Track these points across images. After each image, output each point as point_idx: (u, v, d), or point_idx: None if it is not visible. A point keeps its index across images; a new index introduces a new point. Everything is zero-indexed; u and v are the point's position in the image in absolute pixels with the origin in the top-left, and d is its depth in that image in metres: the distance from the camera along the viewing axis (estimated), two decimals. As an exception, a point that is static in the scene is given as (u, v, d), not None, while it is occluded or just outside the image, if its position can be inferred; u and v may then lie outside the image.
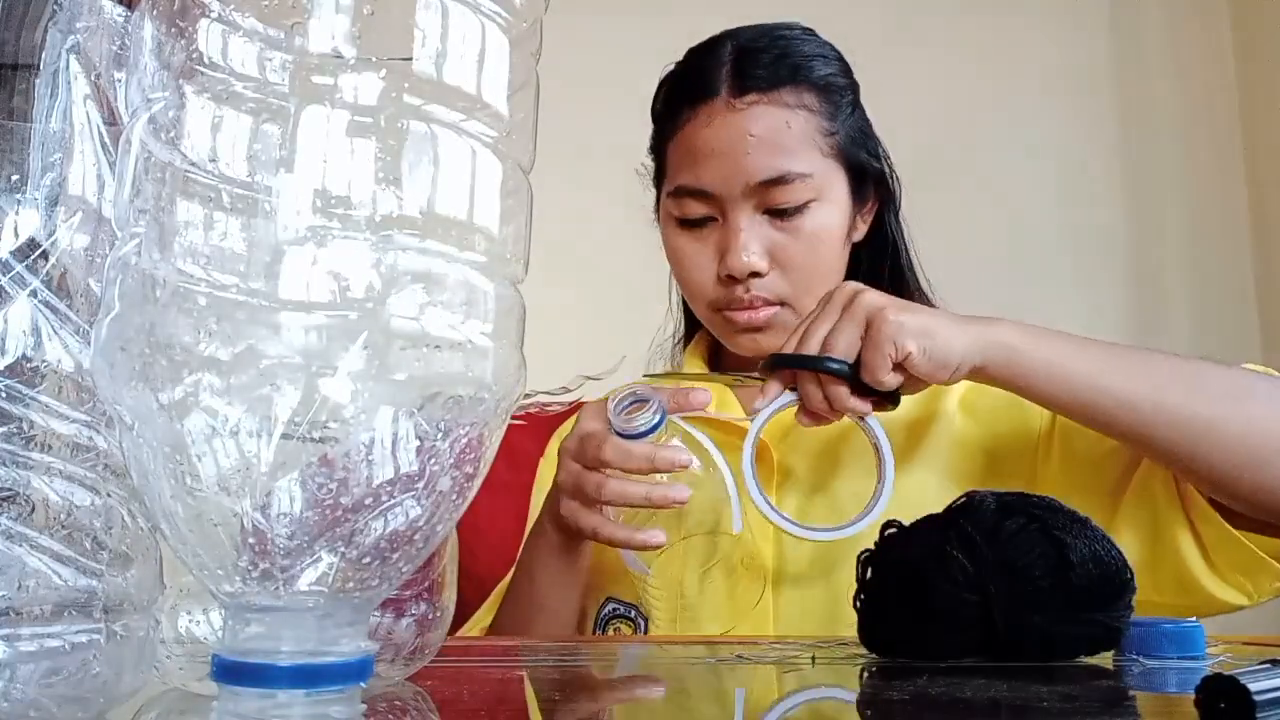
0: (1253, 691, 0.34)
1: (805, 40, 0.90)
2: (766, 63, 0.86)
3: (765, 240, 0.85)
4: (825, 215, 0.86)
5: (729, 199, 0.84)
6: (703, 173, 0.85)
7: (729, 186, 0.84)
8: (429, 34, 0.29)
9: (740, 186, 0.84)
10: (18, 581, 0.32)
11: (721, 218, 0.86)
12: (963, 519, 0.53)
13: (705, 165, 0.85)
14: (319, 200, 0.27)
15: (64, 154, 0.36)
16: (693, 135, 0.86)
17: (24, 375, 0.34)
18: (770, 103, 0.84)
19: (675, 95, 0.90)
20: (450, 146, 0.29)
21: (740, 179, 0.84)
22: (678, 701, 0.47)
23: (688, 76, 0.90)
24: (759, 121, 0.84)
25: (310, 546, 0.27)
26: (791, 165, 0.84)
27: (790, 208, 0.84)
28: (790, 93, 0.85)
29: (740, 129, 0.84)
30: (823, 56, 0.89)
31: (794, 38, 0.89)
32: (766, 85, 0.85)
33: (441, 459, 0.29)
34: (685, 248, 0.89)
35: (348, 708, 0.27)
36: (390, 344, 0.28)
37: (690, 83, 0.88)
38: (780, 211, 0.84)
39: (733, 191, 0.84)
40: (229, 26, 0.28)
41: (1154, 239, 1.96)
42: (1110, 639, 0.52)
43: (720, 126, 0.84)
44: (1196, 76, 2.00)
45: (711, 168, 0.84)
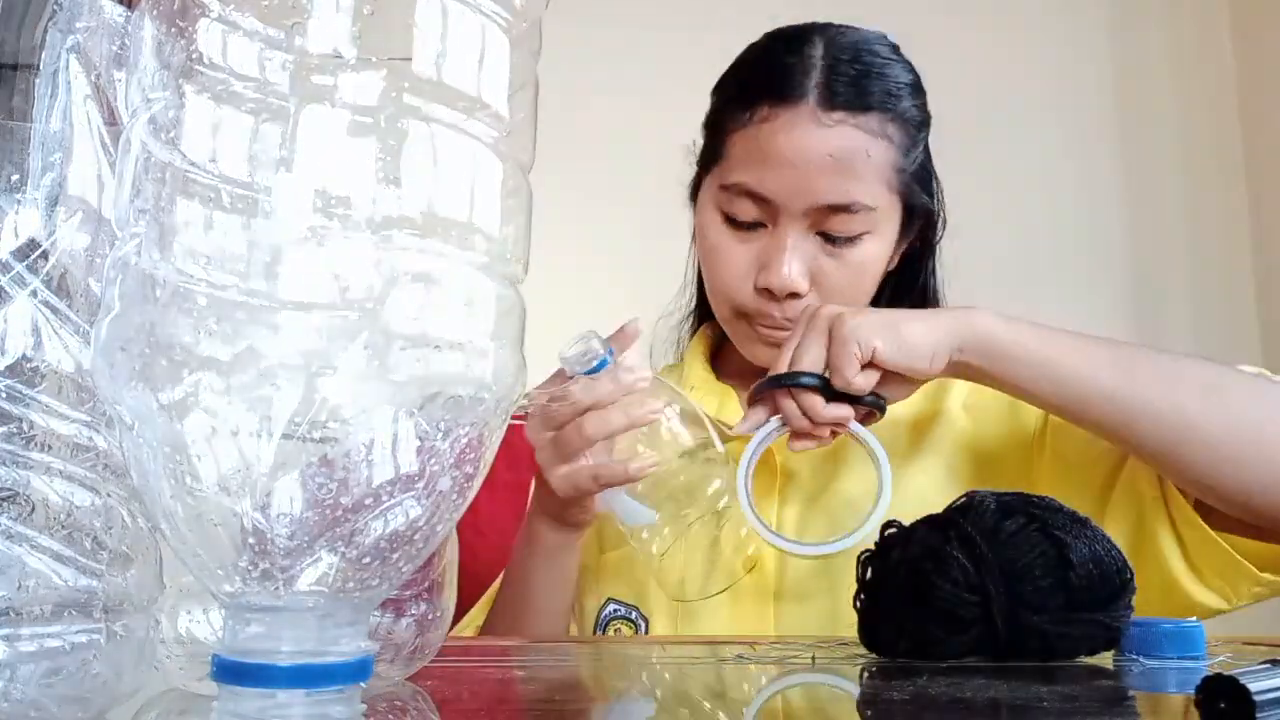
0: (1253, 691, 0.34)
1: (896, 63, 0.87)
2: (860, 80, 0.82)
3: (811, 261, 0.82)
4: (874, 248, 0.84)
5: (787, 212, 0.81)
6: (769, 178, 0.81)
7: (792, 200, 0.81)
8: (429, 34, 0.29)
9: (804, 204, 0.81)
10: (18, 581, 0.32)
11: (771, 225, 0.83)
12: (963, 519, 0.53)
13: (775, 172, 0.81)
14: (319, 200, 0.27)
15: (64, 154, 0.36)
16: (769, 136, 0.81)
17: (24, 375, 0.34)
18: (857, 126, 0.81)
19: (755, 86, 0.85)
20: (450, 146, 0.29)
21: (807, 197, 0.81)
22: (678, 702, 0.47)
23: (773, 70, 0.84)
24: (842, 143, 0.80)
25: (310, 546, 0.27)
26: (860, 195, 0.81)
27: (845, 236, 0.82)
28: (877, 119, 0.82)
29: (822, 145, 0.80)
30: (911, 86, 0.87)
31: (887, 58, 0.86)
32: (858, 106, 0.81)
33: (441, 459, 0.29)
34: (726, 246, 0.86)
35: (348, 708, 0.27)
36: (390, 344, 0.28)
37: (775, 78, 0.83)
38: (833, 237, 0.82)
39: (794, 206, 0.81)
40: (229, 26, 0.28)
41: (1154, 239, 1.96)
42: (1110, 639, 0.52)
43: (801, 137, 0.80)
44: (1196, 76, 2.00)
45: (781, 176, 0.81)
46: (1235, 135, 1.97)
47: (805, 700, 0.47)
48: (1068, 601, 0.50)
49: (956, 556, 0.51)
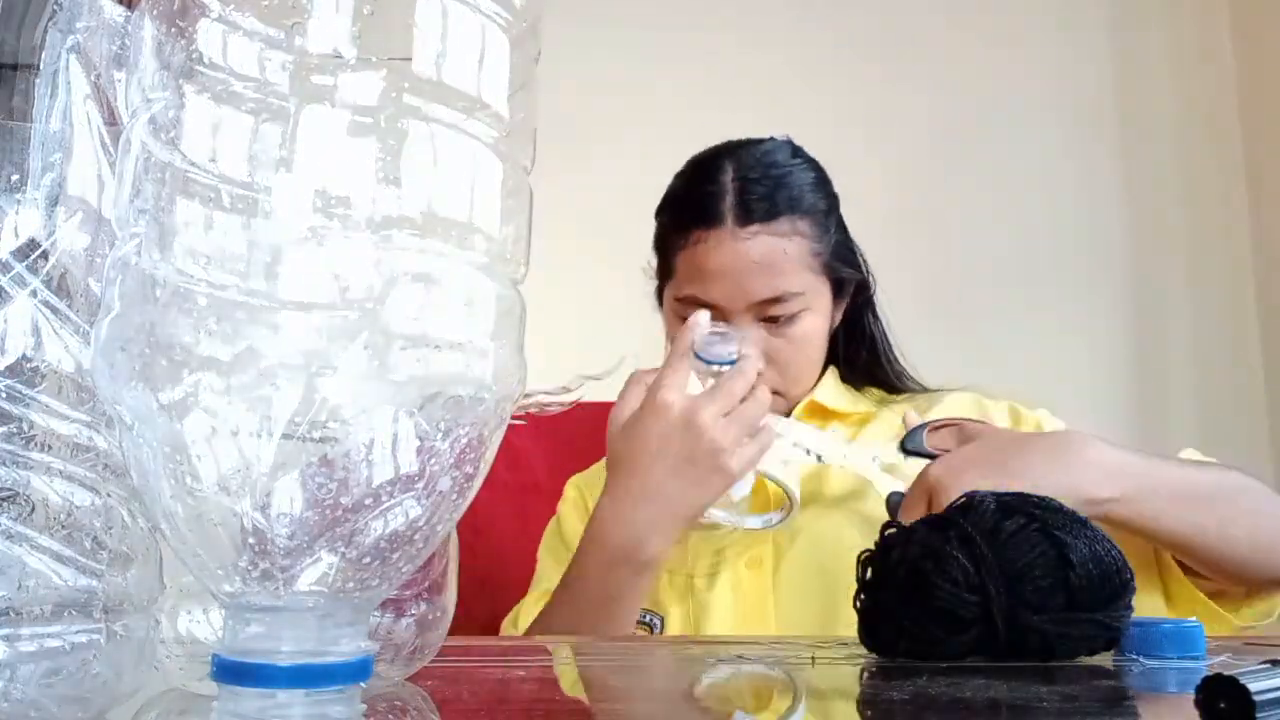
0: (1253, 691, 0.34)
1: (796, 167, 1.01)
2: (765, 195, 0.98)
3: (762, 344, 0.96)
4: (812, 321, 0.99)
5: (733, 312, 0.96)
6: (711, 289, 0.97)
7: (733, 302, 0.96)
8: (429, 34, 0.29)
9: (743, 303, 0.96)
10: (18, 581, 0.32)
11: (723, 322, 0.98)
12: (963, 519, 0.53)
13: (713, 283, 0.96)
14: (319, 200, 0.27)
15: (64, 154, 0.36)
16: (703, 256, 0.97)
17: (24, 375, 0.34)
18: (770, 233, 0.96)
19: (684, 215, 1.01)
20: (450, 146, 0.29)
21: (744, 298, 0.96)
22: (678, 702, 0.47)
23: (692, 200, 1.00)
24: (760, 249, 0.96)
25: (310, 546, 0.27)
26: (787, 286, 0.96)
27: (784, 316, 0.97)
28: (786, 221, 0.97)
29: (744, 256, 0.95)
30: (811, 185, 1.01)
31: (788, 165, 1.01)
32: (766, 216, 0.96)
33: (441, 459, 0.29)
34: None
35: (348, 708, 0.27)
36: (390, 344, 0.28)
37: (697, 207, 0.99)
38: (774, 319, 0.97)
39: (736, 306, 0.96)
40: (229, 26, 0.28)
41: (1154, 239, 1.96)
42: (1110, 639, 0.52)
43: (727, 253, 0.96)
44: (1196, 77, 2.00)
45: (718, 286, 0.96)
46: (1235, 135, 1.97)
47: (805, 700, 0.47)
48: (1068, 601, 0.50)
49: (956, 556, 0.51)
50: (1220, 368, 1.91)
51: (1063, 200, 1.96)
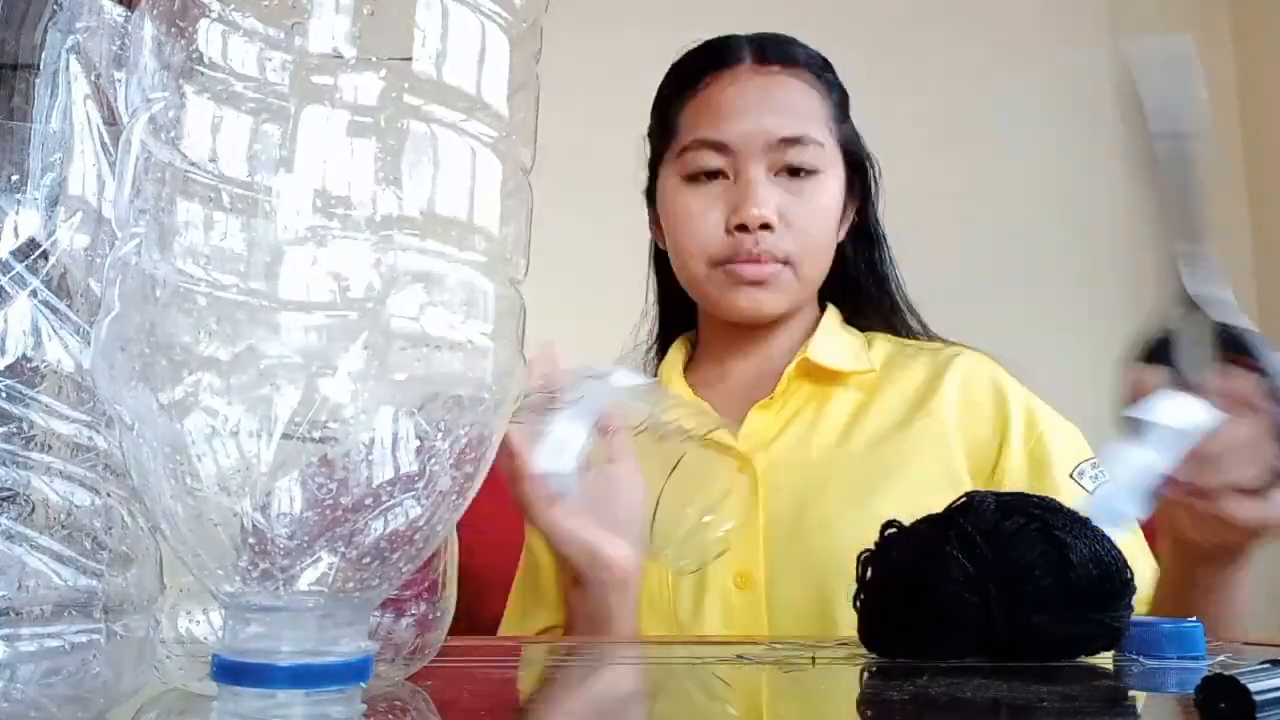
0: (1253, 691, 0.34)
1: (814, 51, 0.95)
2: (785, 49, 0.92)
3: (776, 198, 0.88)
4: (829, 189, 0.91)
5: (746, 154, 0.88)
6: (724, 126, 0.88)
7: (749, 142, 0.88)
8: (429, 34, 0.29)
9: (761, 142, 0.88)
10: (18, 581, 0.32)
11: (733, 176, 0.89)
12: (963, 519, 0.53)
13: (727, 120, 0.88)
14: (319, 200, 0.27)
15: (64, 154, 0.36)
16: (716, 94, 0.90)
17: (24, 375, 0.34)
18: (792, 75, 0.90)
19: (694, 66, 0.94)
20: (450, 146, 0.29)
21: (762, 135, 0.88)
22: (678, 702, 0.47)
23: (709, 50, 0.94)
24: (782, 87, 0.89)
25: (310, 546, 0.27)
26: (809, 129, 0.88)
27: (804, 169, 0.88)
28: (807, 74, 0.91)
29: (765, 89, 0.89)
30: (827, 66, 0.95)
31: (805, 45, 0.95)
32: (789, 62, 0.91)
33: (441, 459, 0.29)
34: (693, 204, 0.91)
35: (348, 708, 0.27)
36: (390, 344, 0.28)
37: (712, 54, 0.93)
38: (794, 171, 0.89)
39: (753, 147, 0.88)
40: (229, 26, 0.28)
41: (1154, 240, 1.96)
42: (1110, 639, 0.52)
43: (746, 86, 0.89)
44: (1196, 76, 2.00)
45: (734, 121, 0.88)
46: (1235, 135, 1.97)
47: (805, 700, 0.47)
48: (1068, 601, 0.50)
49: (956, 556, 0.51)
50: (1220, 368, 1.91)
51: (1062, 200, 1.96)
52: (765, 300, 0.91)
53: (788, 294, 0.92)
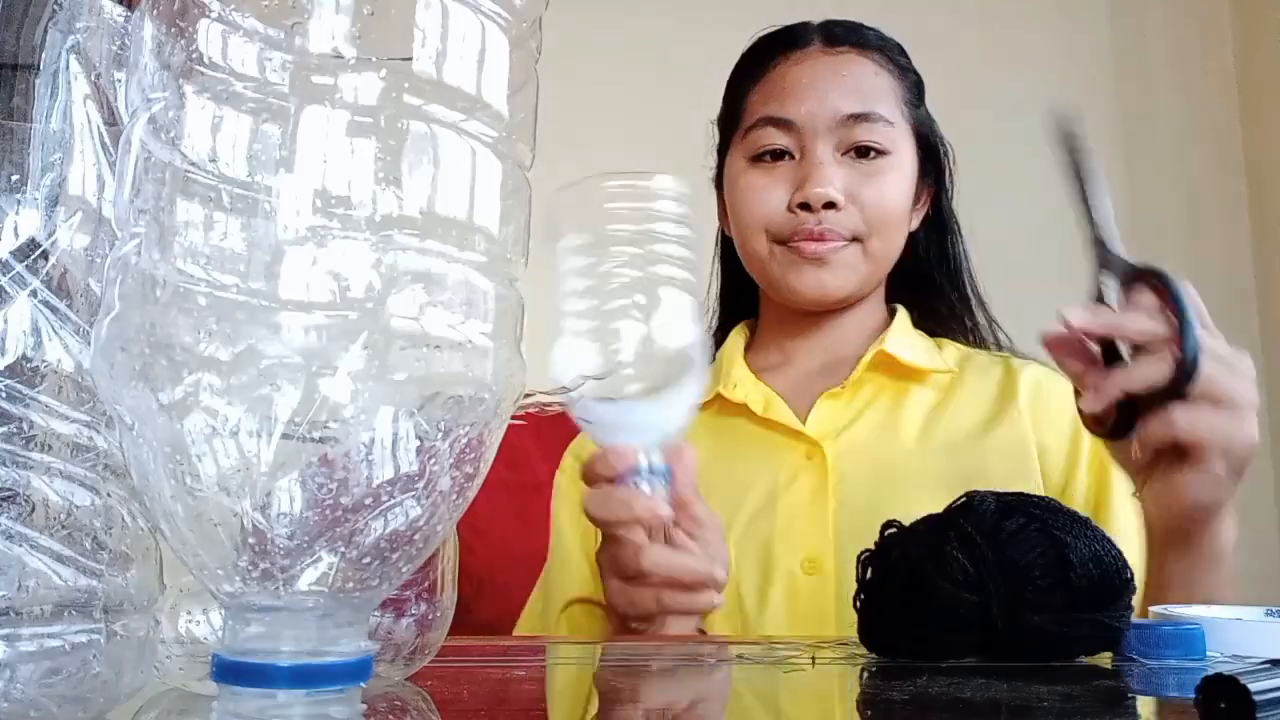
0: (1253, 692, 0.34)
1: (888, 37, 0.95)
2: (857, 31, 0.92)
3: (843, 177, 0.87)
4: (898, 172, 0.89)
5: (812, 132, 0.87)
6: (790, 103, 0.88)
7: (815, 118, 0.87)
8: (429, 34, 0.29)
9: (826, 120, 0.87)
10: (18, 581, 0.32)
11: (799, 155, 0.88)
12: (963, 519, 0.53)
13: (793, 97, 0.88)
14: (319, 200, 0.27)
15: (64, 154, 0.36)
16: (783, 74, 0.90)
17: (24, 375, 0.34)
18: (863, 55, 0.89)
19: (764, 50, 0.93)
20: (450, 146, 0.29)
21: (829, 111, 0.87)
22: (678, 702, 0.47)
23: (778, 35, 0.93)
24: (850, 65, 0.88)
25: (310, 546, 0.27)
26: (877, 107, 0.87)
27: (872, 149, 0.87)
28: (879, 55, 0.90)
29: (834, 67, 0.88)
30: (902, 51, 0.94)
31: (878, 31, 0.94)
32: (860, 44, 0.90)
33: (441, 459, 0.29)
34: (757, 181, 0.90)
35: (348, 708, 0.27)
36: (390, 344, 0.28)
37: (782, 38, 0.92)
38: (862, 151, 0.87)
39: (818, 124, 0.87)
40: (229, 26, 0.28)
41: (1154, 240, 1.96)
42: (1110, 639, 0.52)
43: (813, 65, 0.89)
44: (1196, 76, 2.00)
45: (800, 99, 0.88)
46: (1235, 135, 1.97)
47: (805, 700, 0.47)
48: (1068, 601, 0.50)
49: (956, 556, 0.51)
50: (1220, 368, 1.91)
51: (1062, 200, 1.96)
52: (828, 280, 0.89)
53: (853, 273, 0.89)
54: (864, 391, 0.92)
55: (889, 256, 0.92)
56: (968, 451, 0.86)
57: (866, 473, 0.86)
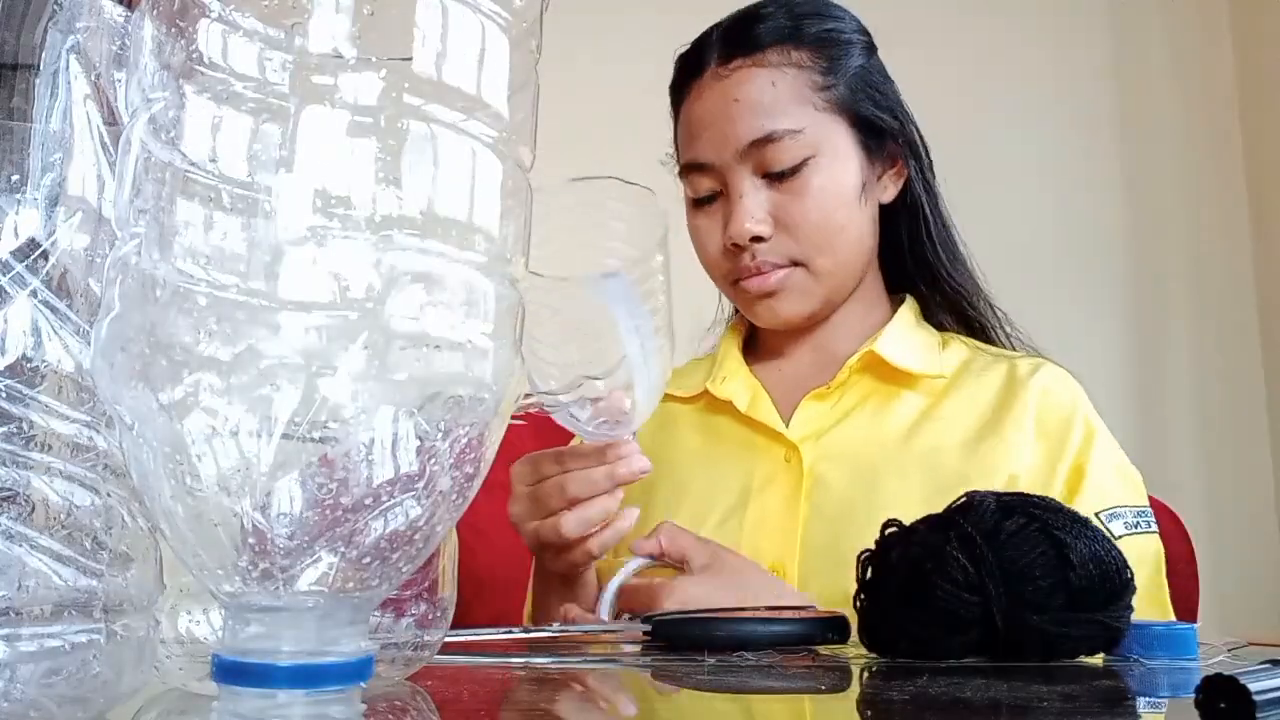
0: (1253, 691, 0.34)
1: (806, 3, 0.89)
2: (753, 29, 0.86)
3: (766, 204, 0.84)
4: (828, 172, 0.85)
5: (725, 167, 0.85)
6: (698, 146, 0.86)
7: (721, 154, 0.85)
8: (429, 34, 0.29)
9: (731, 152, 0.84)
10: (18, 581, 0.32)
11: (724, 190, 0.87)
12: (963, 519, 0.53)
13: (699, 138, 0.86)
14: (319, 200, 0.27)
15: (64, 154, 0.36)
16: (688, 112, 0.88)
17: (24, 375, 0.34)
18: (754, 65, 0.84)
19: (677, 79, 0.92)
20: (450, 146, 0.29)
21: (730, 145, 0.84)
22: (678, 701, 0.47)
23: (685, 62, 0.91)
24: (742, 85, 0.84)
25: (310, 546, 0.27)
26: (778, 124, 0.83)
27: (787, 168, 0.84)
28: (776, 53, 0.85)
29: (726, 95, 0.84)
30: (819, 15, 0.88)
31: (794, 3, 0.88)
32: (750, 49, 0.85)
33: (441, 459, 0.29)
34: (699, 226, 0.90)
35: (348, 708, 0.27)
36: (390, 344, 0.28)
37: (687, 65, 0.90)
38: (779, 174, 0.84)
39: (725, 158, 0.85)
40: (229, 26, 0.28)
41: (1154, 239, 1.96)
42: (1110, 639, 0.52)
43: (708, 98, 0.85)
44: (1196, 76, 2.00)
45: (704, 139, 0.86)
46: (1235, 135, 1.97)
47: (805, 700, 0.47)
48: (1068, 601, 0.50)
49: (956, 556, 0.51)
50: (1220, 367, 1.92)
51: (1062, 200, 1.96)
52: (782, 309, 0.88)
53: (808, 296, 0.87)
54: (850, 393, 0.90)
55: (845, 264, 0.88)
56: (951, 464, 0.83)
57: (843, 479, 0.85)
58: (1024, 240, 1.93)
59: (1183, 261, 1.95)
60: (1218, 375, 1.91)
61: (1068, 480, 0.83)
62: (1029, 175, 1.97)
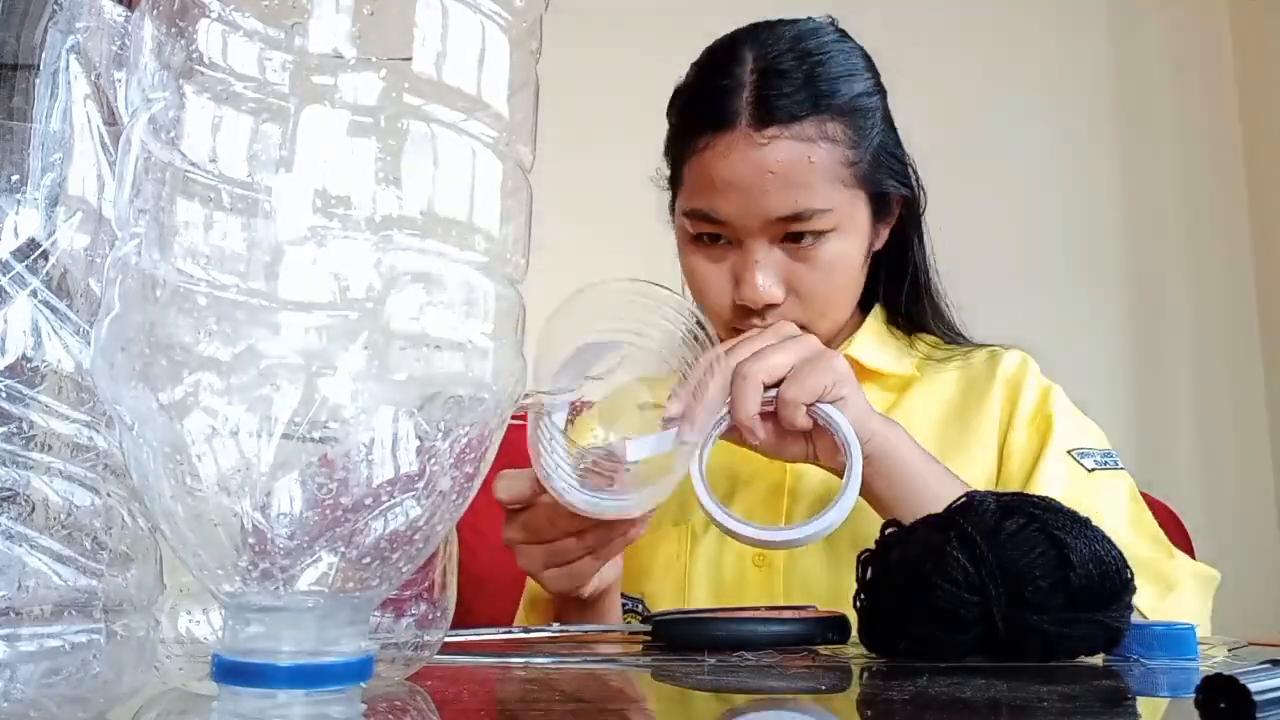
0: (1253, 691, 0.34)
1: (832, 54, 0.86)
2: (789, 91, 0.82)
3: (782, 269, 0.84)
4: (843, 244, 0.85)
5: (745, 230, 0.83)
6: (720, 204, 0.83)
7: (746, 221, 0.83)
8: (429, 34, 0.29)
9: (758, 221, 0.82)
10: (18, 581, 0.32)
11: (737, 244, 0.85)
12: (963, 519, 0.53)
13: (723, 197, 0.83)
14: (319, 200, 0.27)
15: (64, 154, 0.36)
16: (711, 164, 0.83)
17: (24, 375, 0.34)
18: (792, 137, 0.81)
19: (693, 115, 0.87)
20: (450, 146, 0.29)
21: (759, 215, 0.82)
22: (678, 701, 0.47)
23: (706, 95, 0.86)
24: (779, 157, 0.81)
25: (310, 546, 0.27)
26: (811, 202, 0.82)
27: (808, 238, 0.83)
28: (813, 124, 0.82)
29: (760, 165, 0.81)
30: (849, 75, 0.86)
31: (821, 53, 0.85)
32: (788, 117, 0.82)
33: (441, 459, 0.29)
34: (700, 267, 0.88)
35: (348, 708, 0.27)
36: (390, 344, 0.28)
37: (709, 104, 0.85)
38: (796, 239, 0.83)
39: (750, 225, 0.83)
40: (229, 26, 0.28)
41: (1154, 239, 1.96)
42: (1110, 639, 0.52)
43: (739, 160, 0.82)
44: (1196, 76, 2.00)
45: (730, 200, 0.83)
46: (1235, 135, 1.97)
47: (805, 700, 0.47)
48: (1068, 601, 0.50)
49: (956, 556, 0.51)
50: (1220, 367, 1.92)
51: (1062, 200, 1.96)
52: None
53: None
54: None
55: (839, 321, 0.91)
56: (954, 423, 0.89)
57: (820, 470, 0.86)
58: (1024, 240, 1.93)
59: (1183, 261, 1.95)
60: (1218, 375, 1.91)
61: (1037, 427, 0.87)
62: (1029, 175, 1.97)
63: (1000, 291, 1.87)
